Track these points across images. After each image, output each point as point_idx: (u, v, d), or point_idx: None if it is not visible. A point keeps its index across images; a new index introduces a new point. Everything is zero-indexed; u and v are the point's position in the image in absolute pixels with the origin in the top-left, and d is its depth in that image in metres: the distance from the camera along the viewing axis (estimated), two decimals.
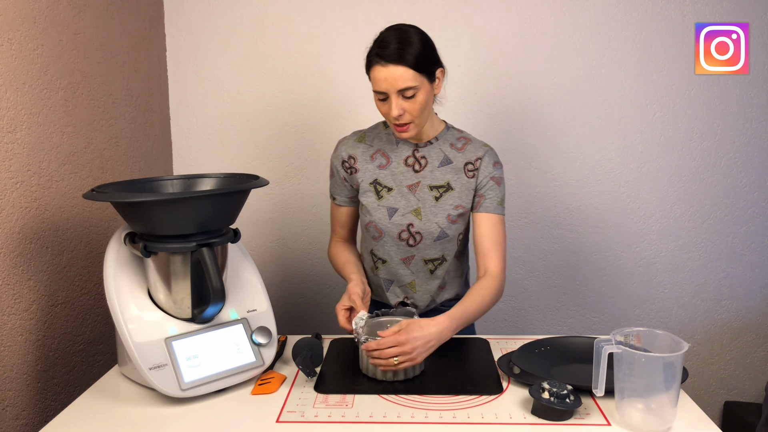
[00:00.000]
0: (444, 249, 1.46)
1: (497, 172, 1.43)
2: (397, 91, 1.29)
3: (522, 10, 2.02)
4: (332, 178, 1.53)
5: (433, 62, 1.33)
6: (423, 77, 1.30)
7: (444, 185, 1.43)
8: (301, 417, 1.09)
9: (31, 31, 1.36)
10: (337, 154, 1.49)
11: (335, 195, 1.53)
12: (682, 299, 2.17)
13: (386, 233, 1.45)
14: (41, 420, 1.37)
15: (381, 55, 1.29)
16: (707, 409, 2.21)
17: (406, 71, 1.28)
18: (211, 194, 1.15)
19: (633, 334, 1.08)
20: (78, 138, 1.54)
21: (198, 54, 2.07)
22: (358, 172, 1.46)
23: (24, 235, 1.33)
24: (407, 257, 1.47)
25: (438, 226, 1.43)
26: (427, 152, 1.44)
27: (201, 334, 1.20)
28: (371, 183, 1.46)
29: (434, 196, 1.43)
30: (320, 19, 2.04)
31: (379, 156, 1.46)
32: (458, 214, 1.44)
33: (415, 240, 1.45)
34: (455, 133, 1.48)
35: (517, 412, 1.10)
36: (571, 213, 2.13)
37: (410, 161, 1.44)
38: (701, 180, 2.10)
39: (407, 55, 1.27)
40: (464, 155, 1.44)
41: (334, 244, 1.56)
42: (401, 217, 1.44)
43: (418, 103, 1.31)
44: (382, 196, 1.45)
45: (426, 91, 1.32)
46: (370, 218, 1.46)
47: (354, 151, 1.47)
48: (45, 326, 1.40)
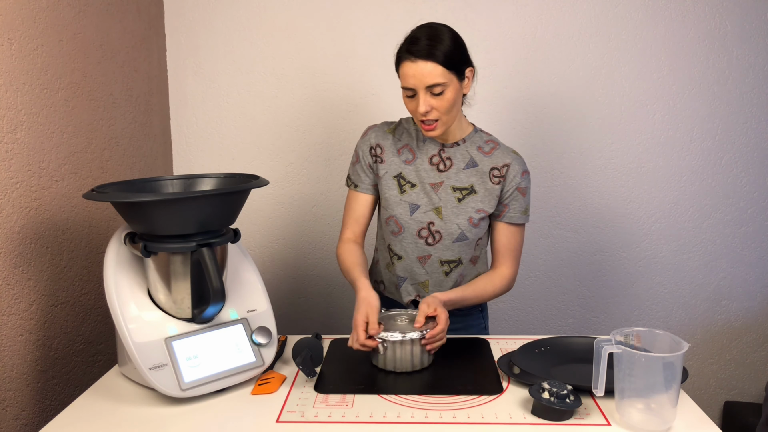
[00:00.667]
0: (461, 251, 1.45)
1: (524, 182, 1.43)
2: (425, 87, 1.29)
3: (522, 11, 2.02)
4: (356, 165, 1.50)
5: (463, 61, 1.33)
6: (452, 75, 1.30)
7: (468, 188, 1.42)
8: (301, 417, 1.09)
9: (31, 31, 1.36)
10: (365, 140, 1.48)
11: (357, 182, 1.49)
12: (682, 299, 2.17)
13: (406, 229, 1.44)
14: (41, 420, 1.37)
15: (411, 51, 1.29)
16: (707, 409, 2.22)
17: (435, 67, 1.27)
18: (211, 194, 1.15)
19: (633, 334, 1.08)
20: (78, 138, 1.54)
21: (198, 54, 2.07)
22: (383, 163, 1.46)
23: (24, 235, 1.33)
24: (423, 256, 1.45)
25: (458, 228, 1.42)
26: (452, 153, 1.44)
27: (201, 334, 1.20)
28: (395, 176, 1.45)
29: (457, 198, 1.42)
30: (320, 20, 2.04)
31: (406, 151, 1.46)
32: (480, 218, 1.42)
33: (434, 239, 1.44)
34: (483, 136, 1.46)
35: (517, 412, 1.10)
36: (572, 213, 2.13)
37: (435, 160, 1.44)
38: (701, 180, 2.10)
39: (437, 52, 1.27)
40: (491, 160, 1.42)
41: (344, 244, 1.49)
42: (422, 215, 1.43)
43: (446, 101, 1.31)
44: (405, 191, 1.44)
45: (455, 89, 1.31)
46: (391, 212, 1.45)
47: (383, 142, 1.47)
48: (45, 326, 1.40)
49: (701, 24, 2.01)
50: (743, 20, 2.00)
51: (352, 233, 1.50)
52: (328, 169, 2.14)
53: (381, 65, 2.05)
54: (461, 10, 2.02)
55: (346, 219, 1.52)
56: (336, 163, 2.13)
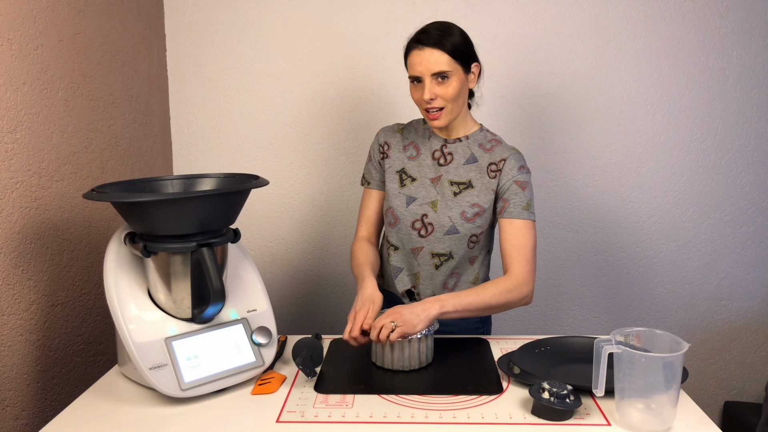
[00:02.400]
0: (452, 246, 1.45)
1: (522, 176, 1.41)
2: (431, 74, 1.33)
3: (522, 11, 2.02)
4: (368, 163, 1.57)
5: (469, 55, 1.37)
6: (458, 65, 1.34)
7: (465, 182, 1.44)
8: (301, 417, 1.09)
9: (31, 31, 1.36)
10: (376, 139, 1.55)
11: (369, 179, 1.56)
12: (682, 299, 2.17)
13: (401, 220, 1.47)
14: (41, 420, 1.37)
15: (420, 40, 1.35)
16: (707, 409, 2.22)
17: (441, 55, 1.32)
18: (211, 194, 1.15)
19: (633, 334, 1.08)
20: (78, 138, 1.54)
21: (198, 54, 2.08)
22: (388, 159, 1.51)
23: (24, 235, 1.33)
24: (416, 248, 1.48)
25: (450, 220, 1.43)
26: (454, 149, 1.46)
27: (201, 334, 1.20)
28: (398, 171, 1.49)
29: (453, 192, 1.44)
30: (320, 20, 2.04)
31: (411, 148, 1.50)
32: (474, 213, 1.43)
33: (426, 231, 1.45)
34: (488, 135, 1.48)
35: (517, 412, 1.10)
36: (572, 213, 2.13)
37: (437, 155, 1.47)
38: (701, 180, 2.10)
39: (445, 41, 1.33)
40: (490, 156, 1.44)
41: (357, 242, 1.54)
42: (417, 207, 1.46)
43: (450, 89, 1.34)
44: (405, 185, 1.48)
45: (460, 79, 1.35)
46: (389, 204, 1.49)
47: (390, 140, 1.52)
48: (45, 326, 1.40)
49: (701, 24, 2.01)
50: (743, 20, 2.00)
51: (365, 231, 1.56)
52: (328, 169, 2.14)
53: (381, 65, 2.05)
54: (461, 10, 2.02)
55: (360, 217, 1.58)
56: (336, 163, 2.13)
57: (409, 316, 1.24)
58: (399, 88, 2.06)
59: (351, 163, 2.13)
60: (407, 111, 2.04)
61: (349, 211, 2.16)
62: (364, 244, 1.53)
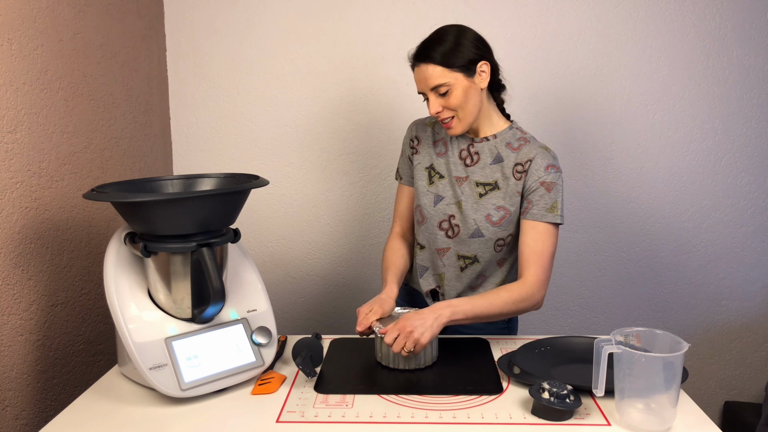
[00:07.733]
0: (478, 249, 1.42)
1: (549, 176, 1.34)
2: (430, 89, 1.32)
3: (522, 11, 2.02)
4: (401, 158, 1.56)
5: (468, 57, 1.30)
6: (456, 72, 1.30)
7: (491, 183, 1.40)
8: (301, 417, 1.09)
9: (31, 31, 1.36)
10: (407, 133, 1.54)
11: (402, 174, 1.55)
12: (682, 299, 2.17)
13: (428, 219, 1.46)
14: (41, 420, 1.37)
15: (414, 56, 1.34)
16: (707, 409, 2.22)
17: (434, 69, 1.30)
18: (211, 194, 1.15)
19: (633, 334, 1.08)
20: (78, 138, 1.54)
21: (198, 54, 2.08)
22: (418, 154, 1.50)
23: (24, 235, 1.33)
24: (442, 248, 1.45)
25: (475, 223, 1.40)
26: (480, 148, 1.42)
27: (201, 334, 1.20)
28: (427, 168, 1.48)
29: (479, 193, 1.41)
30: (320, 20, 2.04)
31: (441, 144, 1.48)
32: (500, 216, 1.39)
33: (453, 232, 1.43)
34: (517, 133, 1.42)
35: (517, 412, 1.10)
36: (572, 213, 2.13)
37: (463, 154, 1.44)
38: (701, 180, 2.10)
39: (433, 53, 1.29)
40: (517, 155, 1.38)
41: (390, 240, 1.55)
42: (445, 206, 1.44)
43: (454, 98, 1.31)
44: (434, 182, 1.46)
45: (461, 86, 1.31)
46: (418, 202, 1.48)
47: (421, 134, 1.51)
48: (45, 326, 1.40)
49: (701, 24, 2.01)
50: (743, 20, 2.00)
51: (399, 227, 1.57)
52: (328, 169, 2.14)
53: (381, 65, 2.05)
54: (461, 10, 2.02)
55: (394, 212, 1.59)
56: (336, 163, 2.13)
57: (421, 329, 1.22)
58: (399, 88, 2.06)
59: (351, 163, 2.13)
60: (407, 111, 2.04)
61: (349, 211, 2.16)
62: (396, 243, 1.54)
